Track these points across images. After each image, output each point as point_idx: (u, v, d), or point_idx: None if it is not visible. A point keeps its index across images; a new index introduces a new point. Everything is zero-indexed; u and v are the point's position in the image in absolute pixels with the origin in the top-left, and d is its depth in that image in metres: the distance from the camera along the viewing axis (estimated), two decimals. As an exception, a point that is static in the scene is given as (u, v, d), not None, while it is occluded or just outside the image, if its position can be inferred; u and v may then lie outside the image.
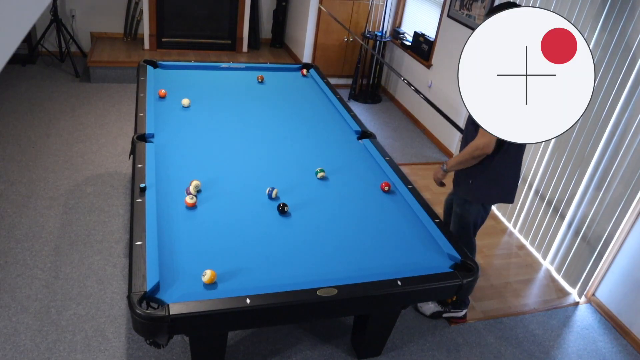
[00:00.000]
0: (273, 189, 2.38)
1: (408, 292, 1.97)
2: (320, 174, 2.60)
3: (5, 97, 4.73)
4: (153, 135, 2.74)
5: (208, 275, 1.83)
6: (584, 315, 3.09)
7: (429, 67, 5.08)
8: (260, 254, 2.05)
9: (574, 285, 3.24)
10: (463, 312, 2.83)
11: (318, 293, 1.84)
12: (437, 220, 2.35)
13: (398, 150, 4.79)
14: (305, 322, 2.67)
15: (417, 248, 2.22)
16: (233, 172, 2.57)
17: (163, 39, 5.81)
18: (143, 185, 2.26)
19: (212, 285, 1.85)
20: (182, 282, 1.84)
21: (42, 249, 2.98)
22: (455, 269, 2.09)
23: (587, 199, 3.14)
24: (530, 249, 3.61)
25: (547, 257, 3.46)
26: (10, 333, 2.44)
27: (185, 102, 3.16)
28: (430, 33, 5.12)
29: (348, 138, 3.07)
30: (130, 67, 5.30)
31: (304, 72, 3.92)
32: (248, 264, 1.98)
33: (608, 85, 2.97)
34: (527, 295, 3.17)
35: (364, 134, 3.10)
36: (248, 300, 1.77)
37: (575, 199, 3.22)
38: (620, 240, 2.95)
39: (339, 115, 3.35)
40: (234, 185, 2.46)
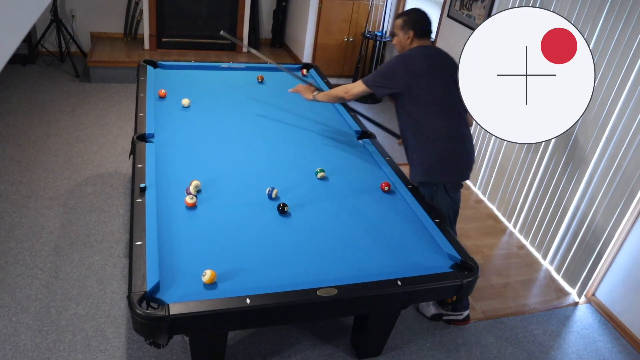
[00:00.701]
0: (273, 189, 2.38)
1: (408, 292, 1.97)
2: (320, 174, 2.60)
3: (5, 97, 4.73)
4: (153, 135, 2.74)
5: (208, 275, 1.83)
6: (584, 315, 3.09)
7: (429, 67, 5.06)
8: (260, 254, 2.04)
9: (574, 285, 3.24)
10: (464, 314, 2.82)
11: (318, 293, 1.83)
12: (437, 220, 2.35)
13: (398, 150, 4.78)
14: (305, 322, 2.66)
15: (417, 248, 2.21)
16: (233, 172, 2.57)
17: (163, 39, 5.81)
18: (143, 185, 2.26)
19: (212, 285, 1.85)
20: (182, 282, 1.84)
21: (42, 249, 2.98)
22: (455, 269, 2.09)
23: (586, 199, 3.14)
24: (530, 249, 3.61)
25: (547, 257, 3.46)
26: (10, 333, 2.44)
27: (185, 102, 3.16)
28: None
29: (348, 138, 3.07)
30: (130, 67, 5.29)
31: (304, 72, 3.92)
32: (248, 264, 1.98)
33: (608, 85, 2.97)
34: (527, 295, 3.17)
35: (364, 134, 3.11)
36: (248, 300, 1.76)
37: (575, 199, 3.22)
38: (620, 240, 2.95)
39: (339, 115, 3.35)
40: (234, 185, 2.45)
